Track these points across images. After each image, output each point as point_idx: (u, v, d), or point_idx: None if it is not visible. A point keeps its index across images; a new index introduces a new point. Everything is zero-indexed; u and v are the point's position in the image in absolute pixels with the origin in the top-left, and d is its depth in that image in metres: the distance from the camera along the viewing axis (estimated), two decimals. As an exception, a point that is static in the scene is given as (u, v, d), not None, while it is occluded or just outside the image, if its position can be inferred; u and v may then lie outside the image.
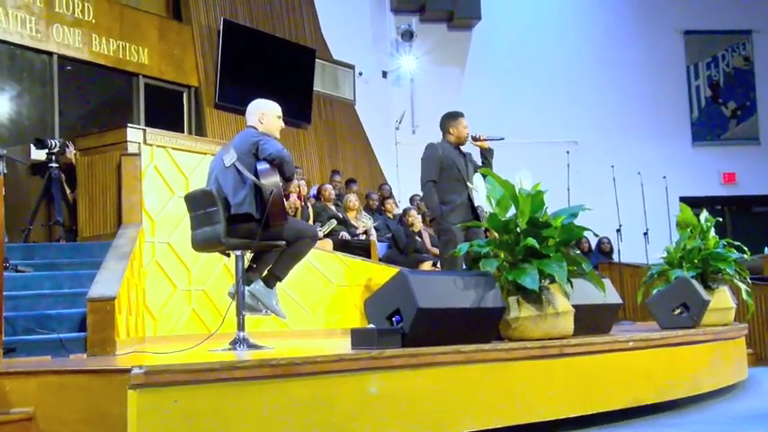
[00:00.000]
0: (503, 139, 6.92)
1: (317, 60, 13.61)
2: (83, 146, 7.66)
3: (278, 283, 5.44)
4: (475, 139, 6.95)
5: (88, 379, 3.56)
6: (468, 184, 6.82)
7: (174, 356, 4.35)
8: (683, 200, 9.00)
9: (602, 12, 16.77)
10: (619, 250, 12.84)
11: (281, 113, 5.43)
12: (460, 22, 16.02)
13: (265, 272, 5.41)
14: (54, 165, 8.26)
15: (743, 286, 7.09)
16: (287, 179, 5.13)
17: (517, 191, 5.13)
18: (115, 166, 7.14)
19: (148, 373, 3.34)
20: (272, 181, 4.98)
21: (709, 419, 5.44)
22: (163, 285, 6.96)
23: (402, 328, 4.34)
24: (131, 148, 7.14)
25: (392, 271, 7.38)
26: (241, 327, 5.14)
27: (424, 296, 4.39)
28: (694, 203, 7.56)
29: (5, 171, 7.69)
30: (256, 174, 5.01)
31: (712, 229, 7.16)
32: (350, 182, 12.38)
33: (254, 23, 12.77)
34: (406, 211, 10.76)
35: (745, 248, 7.39)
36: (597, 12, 16.75)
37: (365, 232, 10.20)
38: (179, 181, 7.21)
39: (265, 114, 5.38)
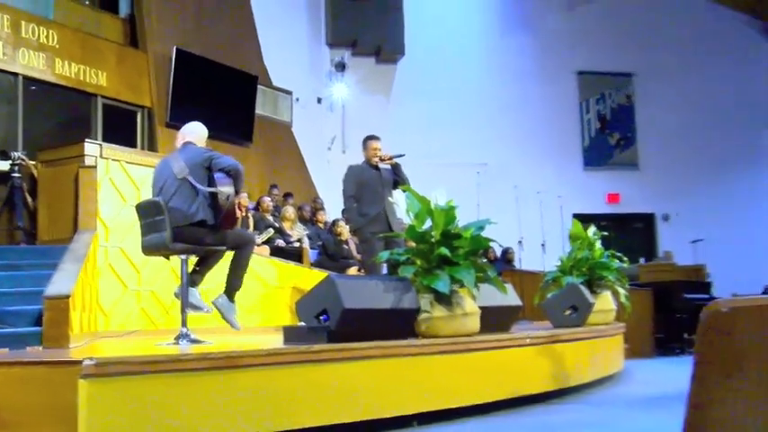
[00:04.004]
0: (403, 155, 6.98)
1: (258, 86, 13.50)
2: (45, 158, 7.48)
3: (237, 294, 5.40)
4: (381, 159, 7.00)
5: (43, 370, 3.48)
6: (389, 199, 6.83)
7: (122, 349, 4.25)
8: (575, 216, 9.15)
9: (510, 53, 17.00)
10: (520, 259, 13.02)
11: None
12: (387, 57, 16.09)
13: (224, 286, 5.35)
14: (16, 175, 8.05)
15: (622, 291, 7.24)
16: (237, 191, 5.07)
17: (433, 206, 5.15)
18: (73, 177, 6.98)
19: (98, 365, 3.27)
20: (229, 189, 4.98)
21: (592, 404, 5.54)
22: (115, 285, 6.81)
23: (329, 326, 4.33)
24: (89, 161, 7.00)
25: (321, 275, 7.34)
26: (184, 323, 5.07)
27: (350, 298, 4.38)
28: (584, 219, 7.69)
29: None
30: (211, 184, 4.99)
31: (598, 241, 7.29)
32: (287, 195, 12.30)
33: (204, 52, 12.60)
34: (335, 222, 10.73)
35: (625, 258, 7.55)
36: (505, 52, 16.97)
37: (299, 240, 10.13)
38: (131, 191, 7.06)
39: (205, 140, 5.47)
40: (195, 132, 5.40)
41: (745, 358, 1.00)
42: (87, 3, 11.73)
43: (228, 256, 5.37)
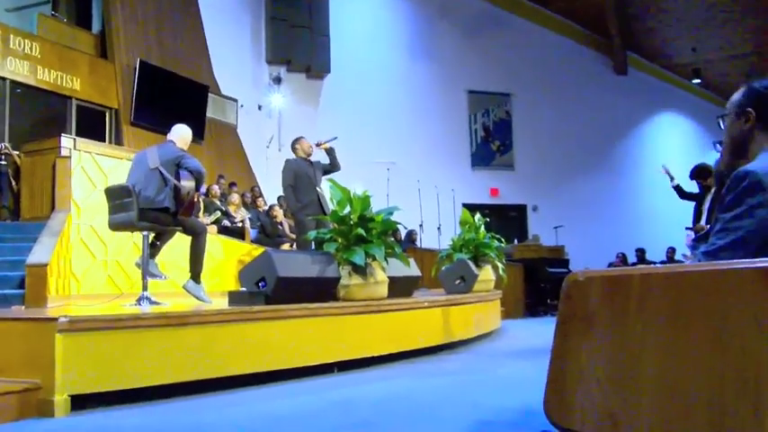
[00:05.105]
0: (336, 138, 6.87)
1: (209, 94, 13.19)
2: (27, 149, 7.28)
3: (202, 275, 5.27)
4: (318, 145, 6.90)
5: (25, 325, 3.35)
6: (317, 189, 6.76)
7: (92, 309, 4.12)
8: (464, 205, 9.31)
9: (415, 73, 17.06)
10: (421, 239, 13.14)
11: None
12: (316, 74, 15.93)
13: (189, 271, 5.20)
14: (3, 162, 7.87)
15: (500, 265, 7.42)
16: (197, 189, 5.02)
17: (352, 195, 5.17)
18: (51, 166, 6.79)
19: (72, 322, 3.20)
20: (190, 185, 4.91)
21: (476, 354, 5.68)
22: (85, 256, 6.60)
23: (266, 291, 4.31)
24: (64, 153, 6.81)
25: (260, 250, 7.27)
26: (145, 288, 4.96)
27: (283, 268, 4.37)
28: (472, 208, 7.82)
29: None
30: (178, 178, 4.88)
31: (482, 226, 7.44)
32: (231, 184, 12.06)
33: (163, 64, 12.22)
34: (271, 207, 10.65)
35: (503, 240, 7.73)
36: (411, 73, 17.02)
37: (241, 221, 9.97)
38: (100, 178, 6.85)
39: (189, 142, 5.31)
40: (179, 134, 5.28)
41: (596, 317, 1.04)
42: (65, 21, 11.28)
43: (183, 237, 5.24)
